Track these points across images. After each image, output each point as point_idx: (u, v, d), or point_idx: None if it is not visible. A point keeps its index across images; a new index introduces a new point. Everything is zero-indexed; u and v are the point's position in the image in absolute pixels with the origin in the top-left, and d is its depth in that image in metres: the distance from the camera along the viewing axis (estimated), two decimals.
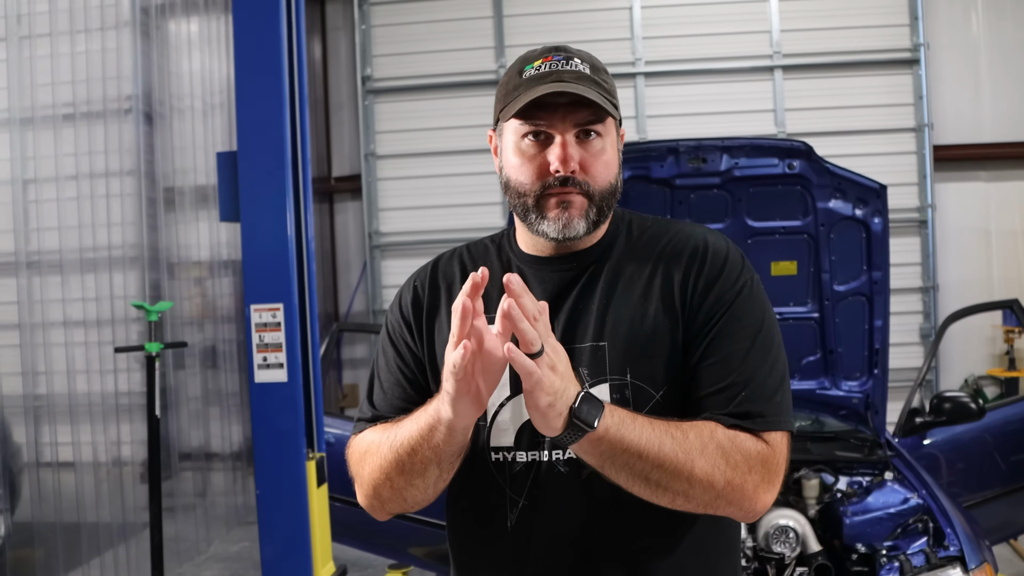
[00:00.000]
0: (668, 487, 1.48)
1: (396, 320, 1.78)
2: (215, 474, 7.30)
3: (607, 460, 1.45)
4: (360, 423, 1.75)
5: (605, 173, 1.62)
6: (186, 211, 6.97)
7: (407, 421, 1.57)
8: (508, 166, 1.65)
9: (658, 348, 1.60)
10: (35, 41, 5.58)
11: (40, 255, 5.57)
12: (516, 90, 1.61)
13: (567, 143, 1.58)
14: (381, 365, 1.78)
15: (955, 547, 3.06)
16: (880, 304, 3.99)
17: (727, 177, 3.91)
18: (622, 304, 1.63)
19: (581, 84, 1.58)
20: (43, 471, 5.54)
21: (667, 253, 1.67)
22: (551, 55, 1.63)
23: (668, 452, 1.45)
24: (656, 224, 1.75)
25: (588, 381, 1.59)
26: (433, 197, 9.05)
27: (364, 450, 1.66)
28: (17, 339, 5.48)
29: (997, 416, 4.50)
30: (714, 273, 1.63)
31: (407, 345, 1.75)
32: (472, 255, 1.81)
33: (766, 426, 1.54)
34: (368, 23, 9.23)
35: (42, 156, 5.56)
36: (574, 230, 1.61)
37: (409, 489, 1.60)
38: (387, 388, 1.75)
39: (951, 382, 8.67)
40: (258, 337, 4.22)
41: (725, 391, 1.56)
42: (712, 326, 1.59)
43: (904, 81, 8.71)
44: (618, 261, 1.69)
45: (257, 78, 4.28)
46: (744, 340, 1.59)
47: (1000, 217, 8.83)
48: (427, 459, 1.54)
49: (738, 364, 1.57)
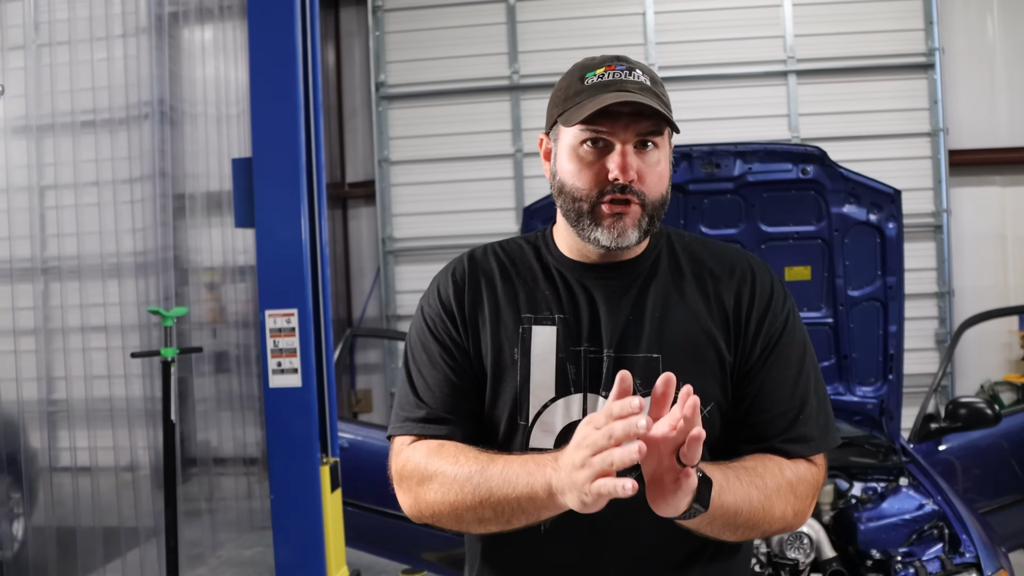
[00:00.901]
0: (753, 530, 1.56)
1: (436, 314, 1.74)
2: (230, 479, 7.31)
3: (706, 523, 1.48)
4: (409, 423, 1.69)
5: (659, 184, 1.64)
6: (201, 217, 7.00)
7: (496, 474, 1.51)
8: (563, 171, 1.65)
9: (709, 365, 1.64)
10: (53, 49, 5.63)
11: (58, 261, 5.61)
12: (577, 96, 1.61)
13: (627, 152, 1.59)
14: (422, 361, 1.72)
15: (971, 554, 3.04)
16: (895, 309, 3.99)
17: (741, 182, 3.91)
18: (676, 318, 1.66)
19: (644, 95, 1.58)
20: (60, 476, 5.57)
21: (717, 274, 1.71)
22: (613, 64, 1.63)
23: (755, 503, 1.52)
24: (695, 242, 1.78)
25: (641, 391, 1.59)
26: (447, 203, 9.06)
27: (430, 474, 1.60)
28: (34, 345, 5.51)
29: (1013, 422, 4.48)
30: (764, 301, 1.69)
31: (451, 338, 1.71)
32: (508, 253, 1.79)
33: (818, 449, 1.65)
34: (382, 29, 9.26)
35: (59, 163, 5.60)
36: (627, 239, 1.62)
37: (477, 528, 1.59)
38: (434, 385, 1.69)
39: (967, 388, 8.62)
40: (272, 342, 4.23)
41: (782, 417, 1.63)
42: (767, 354, 1.66)
43: (919, 85, 8.67)
44: (666, 276, 1.71)
45: (272, 84, 4.29)
46: (794, 365, 1.66)
47: (1016, 222, 8.78)
48: (517, 520, 1.52)
49: (791, 390, 1.65)
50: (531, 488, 1.46)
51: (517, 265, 1.76)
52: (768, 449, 1.61)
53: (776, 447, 1.61)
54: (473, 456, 1.58)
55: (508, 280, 1.74)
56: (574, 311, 1.68)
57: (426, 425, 1.67)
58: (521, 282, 1.73)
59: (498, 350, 1.68)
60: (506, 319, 1.70)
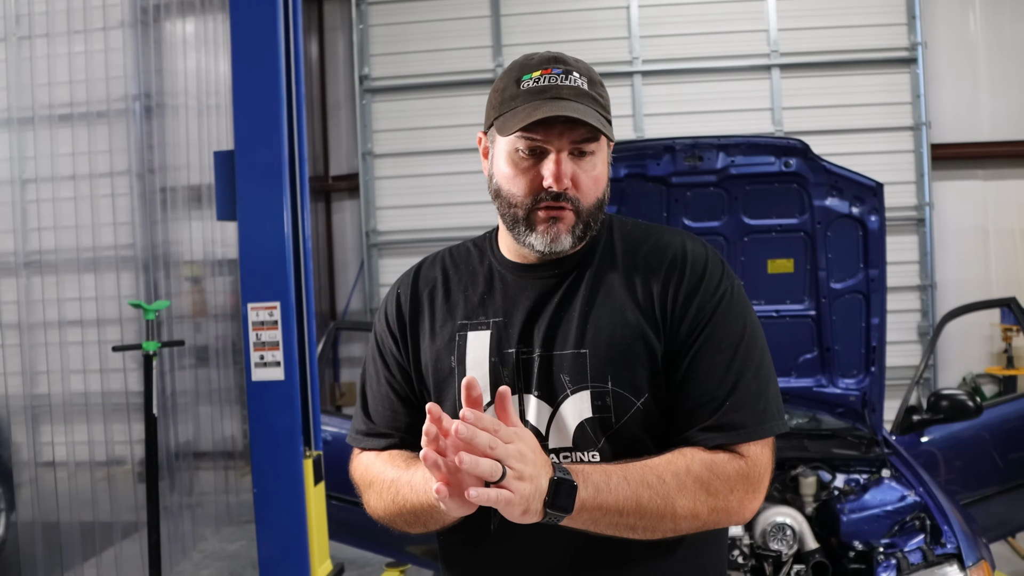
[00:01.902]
0: (655, 530, 1.52)
1: (382, 331, 1.80)
2: (213, 473, 7.29)
3: (590, 525, 1.48)
4: (357, 436, 1.80)
5: (594, 189, 1.63)
6: (183, 210, 6.96)
7: (407, 483, 1.60)
8: (500, 175, 1.66)
9: (639, 357, 1.61)
10: (34, 41, 5.58)
11: (39, 255, 5.57)
12: (513, 101, 1.60)
13: (561, 160, 1.59)
14: (371, 375, 1.81)
15: (952, 545, 3.05)
16: (877, 302, 4.00)
17: (723, 175, 3.91)
18: (603, 312, 1.64)
19: (580, 101, 1.58)
20: (42, 470, 5.54)
21: (647, 261, 1.68)
22: (550, 67, 1.62)
23: (647, 503, 1.48)
24: (636, 229, 1.75)
25: (569, 388, 1.60)
26: (430, 196, 9.05)
27: (369, 480, 1.71)
28: (16, 339, 5.48)
29: (995, 414, 4.50)
30: (694, 283, 1.63)
31: (392, 356, 1.77)
32: (454, 259, 1.81)
33: (748, 436, 1.57)
34: (366, 22, 9.24)
35: (41, 156, 5.56)
36: (561, 245, 1.63)
37: (415, 530, 1.65)
38: (378, 400, 1.78)
39: (949, 380, 8.68)
40: (255, 335, 4.22)
41: (709, 404, 1.58)
42: (695, 339, 1.61)
43: (902, 80, 8.72)
44: (598, 268, 1.69)
45: (254, 77, 4.27)
46: (727, 350, 1.60)
47: (998, 215, 8.84)
48: (433, 523, 1.60)
49: (721, 375, 1.59)
50: (428, 495, 1.52)
51: (460, 271, 1.78)
52: (687, 440, 1.57)
53: (694, 437, 1.56)
54: (403, 461, 1.67)
55: (448, 289, 1.76)
56: (512, 313, 1.68)
57: (368, 439, 1.77)
58: (461, 288, 1.75)
59: (437, 360, 1.70)
60: (444, 329, 1.72)
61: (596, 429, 1.60)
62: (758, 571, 3.31)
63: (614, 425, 1.59)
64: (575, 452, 1.61)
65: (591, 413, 1.60)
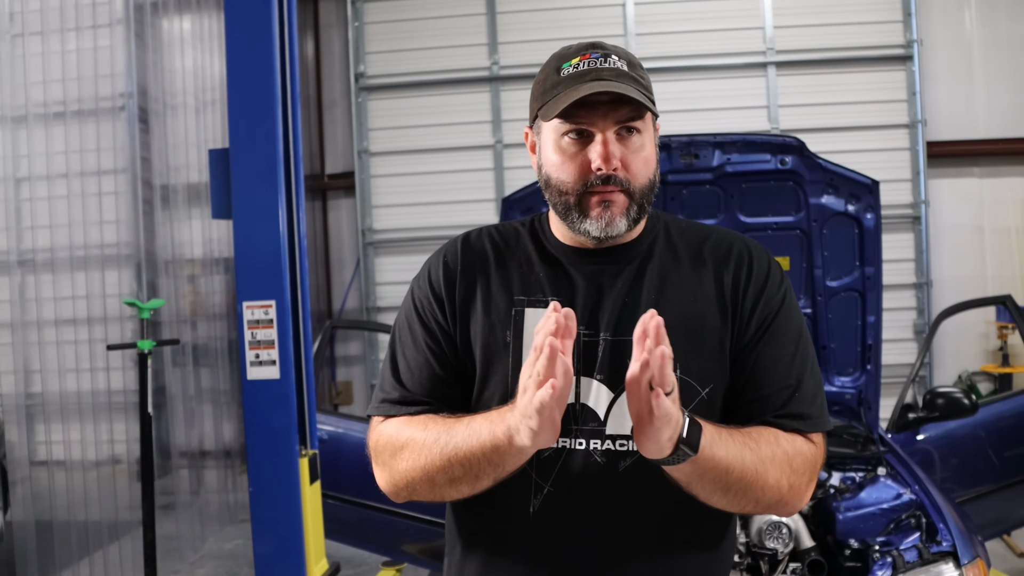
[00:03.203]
0: (745, 495, 1.53)
1: (425, 296, 1.73)
2: (208, 472, 7.28)
3: (696, 476, 1.48)
4: (385, 404, 1.70)
5: (645, 170, 1.62)
6: (178, 209, 6.95)
7: (463, 430, 1.54)
8: (548, 164, 1.65)
9: (707, 346, 1.64)
10: (27, 39, 5.56)
11: (33, 253, 5.56)
12: (555, 88, 1.60)
13: (608, 141, 1.58)
14: (406, 342, 1.73)
15: (948, 542, 3.05)
16: (873, 300, 4.00)
17: (719, 173, 3.91)
18: (672, 300, 1.65)
19: (621, 82, 1.57)
20: (38, 469, 5.53)
21: (713, 255, 1.70)
22: (588, 52, 1.62)
23: (748, 464, 1.51)
24: (692, 226, 1.78)
25: None
26: (426, 194, 9.04)
27: (401, 444, 1.62)
28: (10, 338, 5.47)
29: (990, 412, 4.50)
30: (761, 281, 1.68)
31: (437, 322, 1.71)
32: (503, 236, 1.78)
33: (815, 427, 1.63)
34: (361, 20, 9.22)
35: (35, 154, 5.54)
36: (616, 228, 1.62)
37: (451, 492, 1.60)
38: (415, 367, 1.70)
39: (945, 378, 8.68)
40: (250, 334, 4.20)
41: (778, 394, 1.62)
42: (762, 333, 1.65)
43: (897, 77, 8.71)
44: (662, 259, 1.70)
45: (249, 75, 4.25)
46: (789, 345, 1.66)
47: (993, 213, 8.84)
48: (485, 474, 1.54)
49: (786, 368, 1.64)
50: (494, 435, 1.48)
51: (512, 248, 1.75)
52: (763, 424, 1.60)
53: (771, 421, 1.60)
54: (441, 420, 1.60)
55: (502, 263, 1.73)
56: (569, 295, 1.66)
57: (401, 407, 1.68)
58: (515, 265, 1.72)
59: (489, 333, 1.66)
60: (499, 302, 1.68)
61: None
62: (754, 569, 3.31)
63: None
64: (632, 441, 1.59)
65: None
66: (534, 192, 3.96)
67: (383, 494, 1.70)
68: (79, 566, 5.48)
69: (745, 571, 3.29)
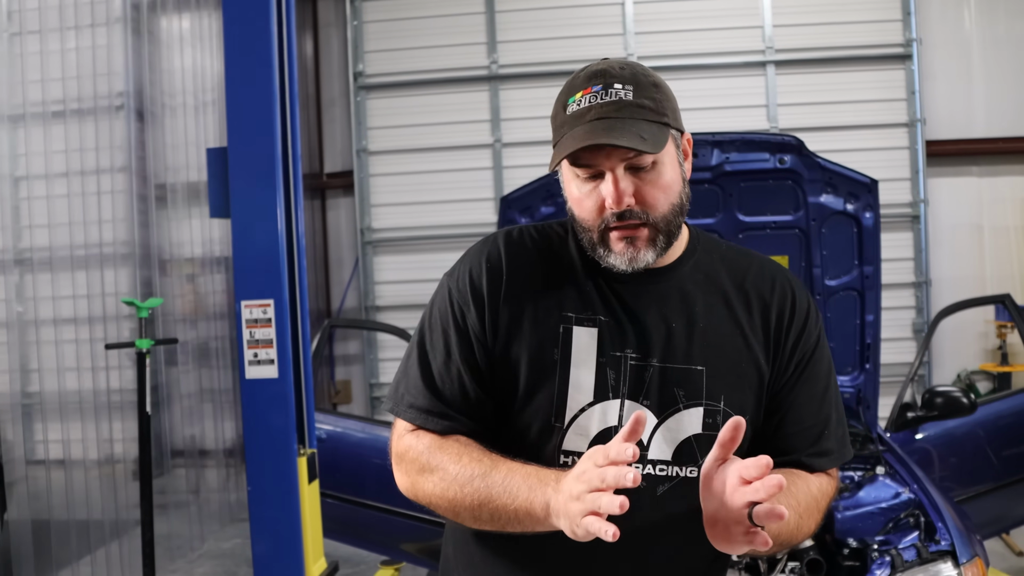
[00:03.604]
0: (785, 545, 1.62)
1: (464, 300, 1.65)
2: (207, 471, 7.27)
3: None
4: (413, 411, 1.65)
5: (665, 198, 1.59)
6: (177, 208, 6.95)
7: (499, 481, 1.51)
8: (570, 199, 1.64)
9: (749, 379, 1.65)
10: (26, 38, 5.56)
11: (32, 252, 5.55)
12: (561, 128, 1.58)
13: (618, 179, 1.55)
14: (438, 346, 1.66)
15: (946, 541, 3.05)
16: (872, 299, 3.99)
17: (718, 172, 3.90)
18: (719, 331, 1.65)
19: (621, 116, 1.53)
20: (35, 469, 5.52)
21: (756, 289, 1.70)
22: (590, 86, 1.57)
23: (792, 525, 1.56)
24: (732, 251, 1.77)
25: (683, 403, 1.61)
26: (425, 193, 9.03)
27: (431, 467, 1.59)
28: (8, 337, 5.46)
29: (989, 411, 4.50)
30: (802, 321, 1.70)
31: (474, 331, 1.64)
32: (547, 242, 1.71)
33: (838, 462, 1.71)
34: (360, 19, 9.21)
35: (34, 153, 5.54)
36: (642, 261, 1.59)
37: (472, 524, 1.59)
38: (446, 375, 1.64)
39: (943, 377, 8.68)
40: (249, 333, 4.20)
41: (809, 431, 1.68)
42: (800, 371, 1.68)
43: (896, 76, 8.71)
44: (704, 285, 1.68)
45: (247, 74, 4.25)
46: (822, 382, 1.71)
47: (992, 212, 8.84)
48: (513, 527, 1.52)
49: (818, 406, 1.69)
50: (530, 504, 1.47)
51: (558, 255, 1.70)
52: (794, 462, 1.65)
53: (803, 461, 1.66)
54: (477, 457, 1.56)
55: (548, 271, 1.67)
56: (613, 314, 1.63)
57: (429, 418, 1.63)
58: (561, 275, 1.67)
59: (538, 348, 1.62)
60: (546, 316, 1.63)
61: (703, 447, 1.59)
62: (752, 568, 3.30)
63: None
64: (673, 466, 1.61)
65: (700, 430, 1.61)
66: (533, 191, 3.95)
67: (382, 493, 1.71)
68: (78, 565, 5.47)
69: (744, 570, 3.28)
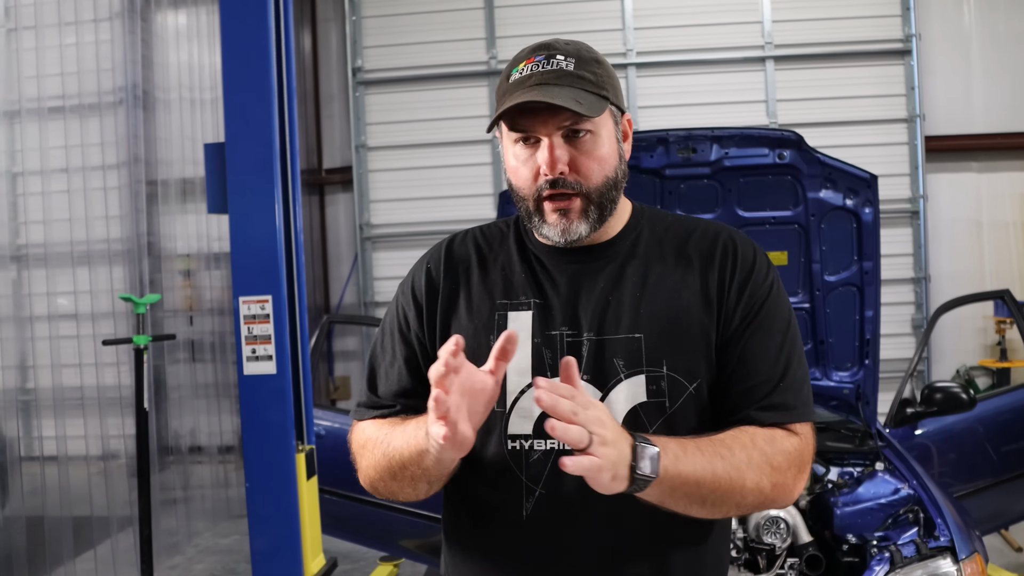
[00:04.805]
0: (723, 503, 1.52)
1: (406, 303, 1.75)
2: (205, 467, 7.27)
3: (667, 496, 1.46)
4: (360, 408, 1.77)
5: (599, 169, 1.61)
6: (174, 203, 6.93)
7: (400, 432, 1.59)
8: (508, 170, 1.66)
9: (693, 341, 1.62)
10: (22, 33, 5.54)
11: (29, 248, 5.54)
12: (504, 97, 1.60)
13: (554, 145, 1.58)
14: (386, 349, 1.76)
15: (946, 538, 3.04)
16: (871, 294, 3.98)
17: (717, 167, 3.89)
18: (657, 297, 1.64)
19: (559, 83, 1.56)
20: (32, 465, 5.52)
21: (698, 249, 1.69)
22: (534, 56, 1.61)
23: (721, 474, 1.48)
24: (677, 220, 1.77)
25: (624, 373, 1.60)
26: (424, 189, 9.02)
27: (363, 443, 1.69)
28: (6, 333, 5.45)
29: (988, 406, 4.50)
30: (747, 271, 1.66)
31: (415, 333, 1.73)
32: (487, 238, 1.79)
33: (800, 417, 1.62)
34: (359, 14, 9.20)
35: (31, 149, 5.53)
36: (575, 233, 1.61)
37: (400, 492, 1.63)
38: (387, 373, 1.74)
39: (943, 373, 8.68)
40: (247, 329, 4.20)
41: (763, 385, 1.61)
42: (747, 324, 1.63)
43: (896, 72, 8.70)
44: (645, 255, 1.69)
45: (245, 69, 4.24)
46: (776, 335, 1.64)
47: (992, 208, 8.83)
48: (416, 476, 1.57)
49: (773, 358, 1.63)
50: (417, 439, 1.51)
51: (495, 250, 1.76)
52: (744, 419, 1.59)
53: (751, 415, 1.59)
54: (397, 422, 1.66)
55: (484, 266, 1.73)
56: (551, 295, 1.67)
57: (370, 410, 1.75)
58: (497, 268, 1.73)
59: (473, 337, 1.66)
60: (482, 306, 1.69)
61: (650, 414, 1.59)
62: (751, 565, 3.30)
63: (668, 410, 1.60)
64: None
65: (645, 398, 1.60)
66: None
67: None
68: (77, 561, 5.47)
69: (743, 566, 3.28)
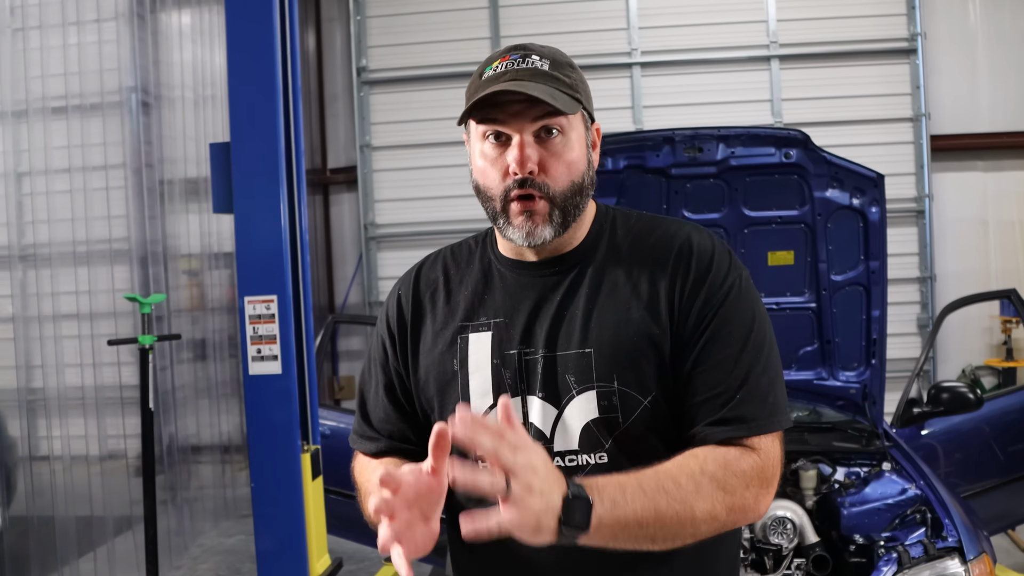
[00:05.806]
0: (675, 537, 1.45)
1: (383, 332, 1.78)
2: (210, 467, 7.27)
3: (608, 541, 1.40)
4: (354, 437, 1.82)
5: (567, 173, 1.58)
6: (179, 203, 6.93)
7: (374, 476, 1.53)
8: (475, 169, 1.64)
9: (645, 354, 1.56)
10: (28, 33, 5.55)
11: (35, 248, 5.55)
12: (475, 93, 1.58)
13: (524, 144, 1.55)
14: (372, 374, 1.80)
15: (953, 538, 3.03)
16: (877, 294, 3.97)
17: (723, 166, 3.89)
18: (607, 309, 1.59)
19: (535, 81, 1.54)
20: (38, 465, 5.52)
21: (652, 254, 1.63)
22: (509, 55, 1.60)
23: (665, 510, 1.41)
24: (640, 222, 1.70)
25: (575, 389, 1.57)
26: (429, 188, 9.01)
27: (359, 483, 1.76)
28: (12, 333, 5.45)
29: (995, 406, 4.49)
30: (700, 275, 1.59)
31: (391, 362, 1.76)
32: (455, 258, 1.78)
33: (759, 430, 1.53)
34: (363, 14, 9.19)
35: (35, 149, 5.53)
36: (539, 237, 1.58)
37: None
38: (374, 403, 1.79)
39: (949, 372, 8.66)
40: (252, 329, 4.20)
41: (718, 397, 1.53)
42: (703, 331, 1.56)
43: (901, 71, 8.68)
44: (602, 264, 1.64)
45: (250, 69, 4.24)
46: (735, 343, 1.56)
47: (997, 207, 8.81)
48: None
49: (731, 368, 1.54)
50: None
51: (462, 270, 1.75)
52: (699, 435, 1.52)
53: (704, 432, 1.52)
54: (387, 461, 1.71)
55: (449, 290, 1.73)
56: (512, 313, 1.65)
57: (362, 441, 1.80)
58: (461, 289, 1.72)
59: (440, 364, 1.67)
60: (446, 331, 1.69)
61: (603, 430, 1.56)
62: (758, 565, 3.30)
63: (621, 425, 1.55)
64: (581, 455, 1.57)
65: (597, 414, 1.56)
66: None
67: None
68: (81, 562, 5.47)
69: (750, 567, 3.28)
